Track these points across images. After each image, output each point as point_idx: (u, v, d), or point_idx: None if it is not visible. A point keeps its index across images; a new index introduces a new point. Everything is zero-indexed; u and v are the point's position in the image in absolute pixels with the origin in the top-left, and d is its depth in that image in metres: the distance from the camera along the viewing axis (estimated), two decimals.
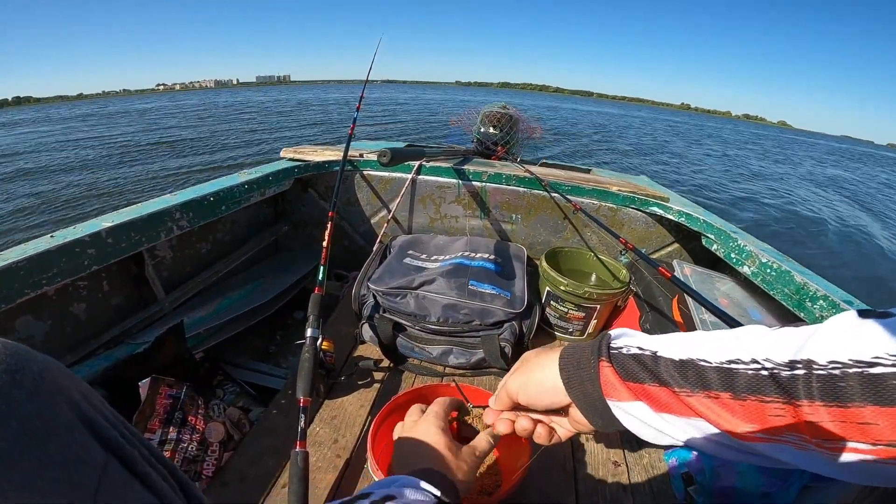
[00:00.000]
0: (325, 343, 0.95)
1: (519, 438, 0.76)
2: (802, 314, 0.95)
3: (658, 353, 0.35)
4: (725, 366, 0.31)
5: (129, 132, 11.23)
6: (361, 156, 1.60)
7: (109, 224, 0.94)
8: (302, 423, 0.73)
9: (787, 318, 1.03)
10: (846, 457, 0.25)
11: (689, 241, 1.49)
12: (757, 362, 0.29)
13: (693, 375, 0.32)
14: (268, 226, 1.66)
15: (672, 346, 0.35)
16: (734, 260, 1.20)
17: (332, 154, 1.61)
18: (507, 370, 1.07)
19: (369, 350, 1.20)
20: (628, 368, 0.36)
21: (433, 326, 1.13)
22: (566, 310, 1.30)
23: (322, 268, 1.02)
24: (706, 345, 0.33)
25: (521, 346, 1.17)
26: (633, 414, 0.36)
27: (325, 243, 1.08)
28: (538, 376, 0.44)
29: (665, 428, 0.34)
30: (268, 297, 1.34)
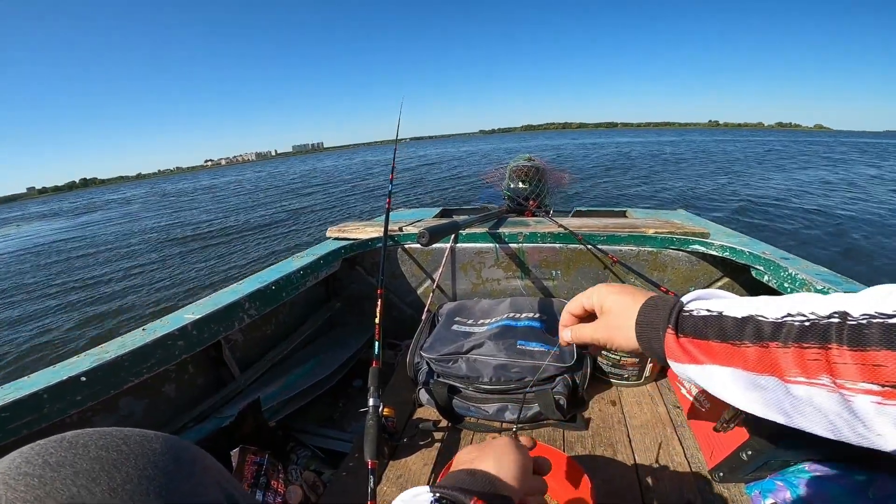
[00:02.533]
0: (386, 409, 1.08)
1: (582, 487, 0.83)
2: None
3: (723, 313, 0.42)
4: (779, 320, 0.37)
5: (186, 219, 12.42)
6: (401, 230, 1.79)
7: (193, 317, 1.14)
8: (371, 484, 0.85)
9: None
10: (860, 400, 0.31)
11: (739, 274, 1.54)
12: (803, 315, 0.36)
13: (751, 330, 0.39)
14: (322, 304, 1.85)
15: (736, 306, 0.42)
16: (788, 289, 1.24)
17: (373, 231, 1.81)
18: (564, 420, 1.16)
19: (428, 412, 1.32)
20: (696, 327, 0.43)
21: (486, 386, 1.25)
22: (618, 358, 1.38)
23: (377, 343, 1.18)
24: (766, 306, 0.40)
25: (575, 396, 1.26)
26: (689, 373, 0.45)
27: (377, 320, 1.25)
28: (617, 322, 0.52)
29: (723, 381, 0.42)
30: (328, 371, 1.50)
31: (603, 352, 1.41)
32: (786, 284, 1.26)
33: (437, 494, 0.40)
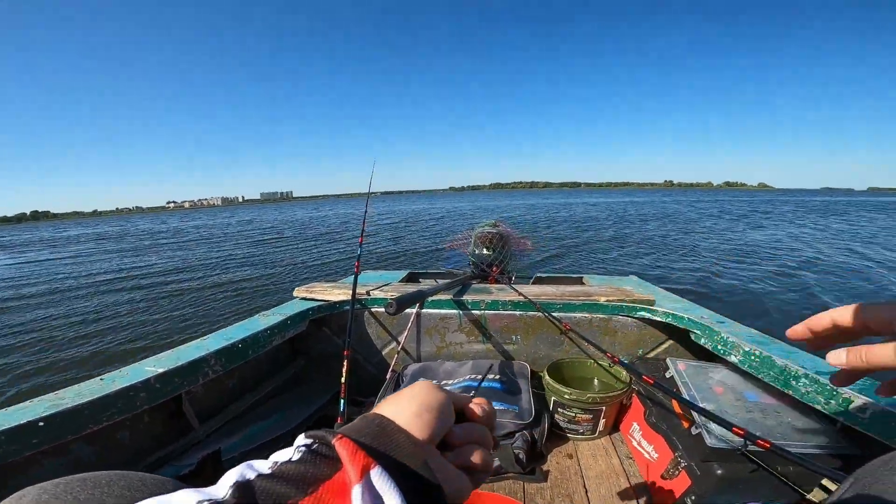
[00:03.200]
0: None
1: None
2: (790, 391, 1.13)
3: None
4: None
5: (146, 262, 11.96)
6: (369, 293, 1.87)
7: (155, 370, 1.17)
8: None
9: (779, 395, 1.20)
10: None
11: (681, 337, 1.69)
12: None
13: None
14: (287, 361, 1.87)
15: None
16: (721, 351, 1.39)
17: (341, 293, 1.88)
18: (524, 473, 1.22)
19: None
20: None
21: None
22: (573, 414, 1.47)
23: (342, 400, 1.22)
24: None
25: (534, 451, 1.32)
26: None
27: (342, 379, 1.30)
28: None
29: None
30: (291, 426, 1.50)
31: (560, 409, 1.50)
32: (719, 347, 1.40)
33: (310, 440, 0.30)
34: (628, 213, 23.36)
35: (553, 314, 1.71)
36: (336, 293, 1.88)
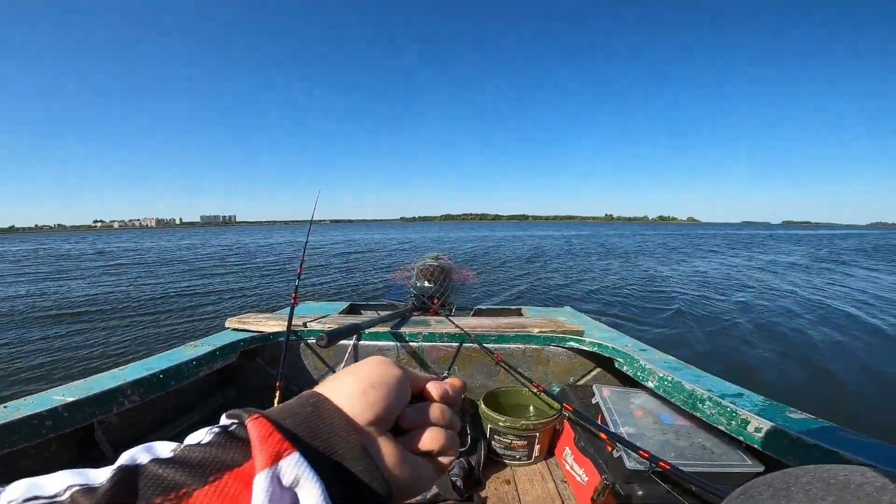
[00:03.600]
0: None
1: None
2: (698, 414, 1.25)
3: None
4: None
5: (61, 288, 10.77)
6: (305, 325, 1.85)
7: (64, 399, 1.11)
8: None
9: (690, 417, 1.32)
10: None
11: (607, 364, 1.81)
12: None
13: None
14: (215, 392, 1.80)
15: None
16: (640, 377, 1.52)
17: (276, 325, 1.85)
18: (462, 501, 1.25)
19: None
20: None
21: None
22: (509, 441, 1.52)
23: None
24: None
25: (471, 477, 1.36)
26: None
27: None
28: None
29: None
30: None
31: (496, 436, 1.55)
32: (639, 373, 1.53)
33: (229, 420, 0.27)
34: (574, 246, 24.34)
35: (488, 345, 1.79)
36: (271, 324, 1.86)
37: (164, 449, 0.23)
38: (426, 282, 2.77)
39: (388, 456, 0.28)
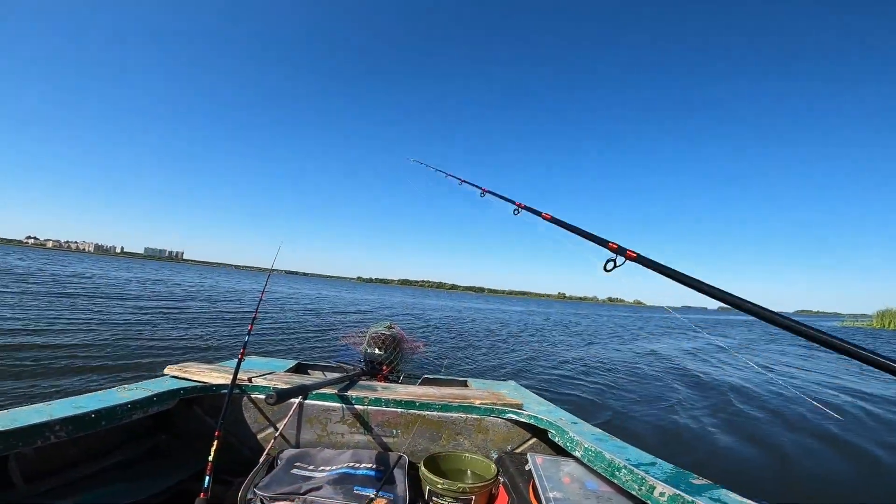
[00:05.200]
0: None
1: None
2: (616, 480, 1.39)
3: None
4: None
5: None
6: (250, 381, 1.89)
7: None
8: None
9: (610, 484, 1.45)
10: None
11: (542, 434, 1.94)
12: None
13: None
14: (144, 435, 1.77)
15: None
16: (569, 447, 1.67)
17: (219, 376, 1.89)
18: None
19: None
20: None
21: None
22: (446, 503, 1.59)
23: (208, 477, 1.25)
24: None
25: None
26: None
27: (210, 458, 1.33)
28: None
29: None
30: (140, 497, 1.41)
31: (434, 498, 1.62)
32: (567, 444, 1.68)
33: None
34: (530, 322, 24.58)
35: (431, 413, 1.91)
36: (214, 375, 1.90)
37: None
38: (377, 349, 2.86)
39: None
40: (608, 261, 1.21)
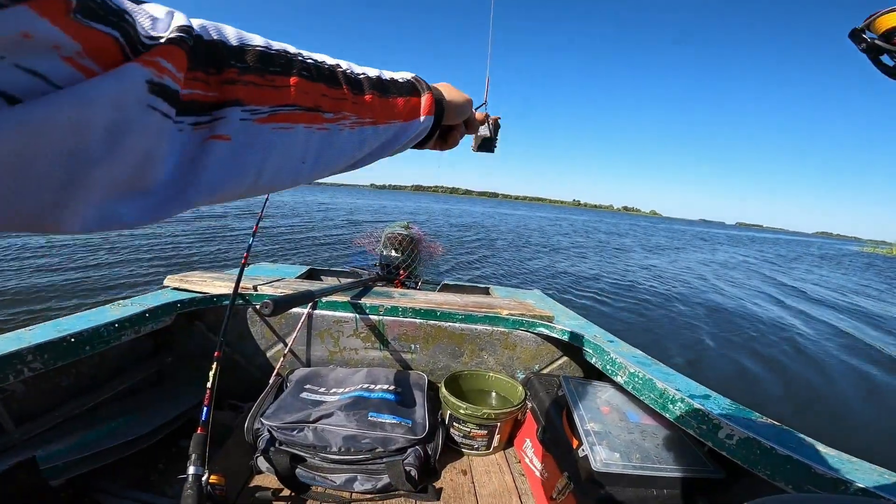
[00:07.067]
0: (214, 477, 1.04)
1: None
2: (667, 414, 1.25)
3: None
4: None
5: None
6: (255, 289, 1.74)
7: None
8: None
9: (657, 417, 1.32)
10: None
11: (575, 354, 1.81)
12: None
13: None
14: (148, 357, 1.69)
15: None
16: (609, 371, 1.52)
17: (222, 286, 1.73)
18: (416, 492, 1.22)
19: (267, 480, 1.28)
20: None
21: (334, 456, 1.26)
22: (469, 429, 1.50)
23: (206, 408, 1.14)
24: None
25: (427, 467, 1.33)
26: None
27: (209, 384, 1.21)
28: None
29: None
30: (145, 430, 1.35)
31: (455, 423, 1.53)
32: (608, 367, 1.53)
33: (411, 76, 0.49)
34: (546, 229, 24.56)
35: (454, 325, 1.76)
36: (216, 285, 1.74)
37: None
38: (393, 251, 2.72)
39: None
40: None
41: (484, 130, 0.79)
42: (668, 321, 6.24)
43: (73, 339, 1.24)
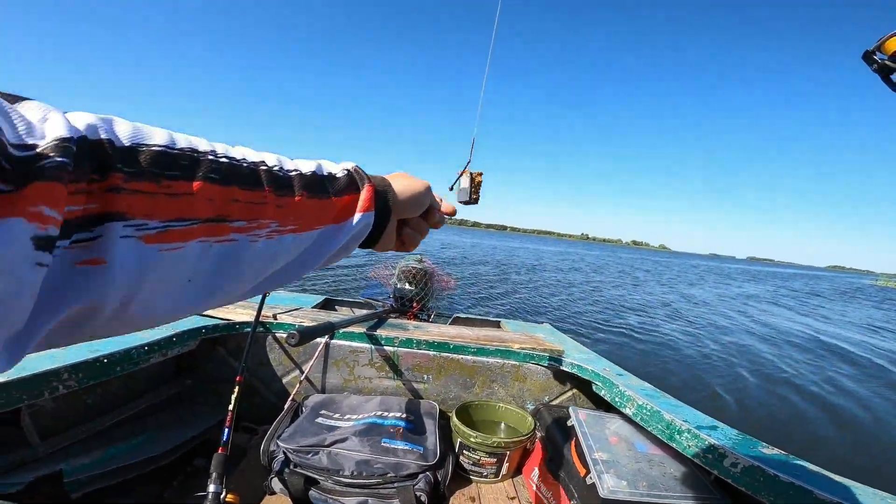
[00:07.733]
0: (230, 496, 1.10)
1: None
2: (674, 444, 1.29)
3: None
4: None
5: None
6: (275, 318, 1.83)
7: None
8: None
9: (664, 447, 1.36)
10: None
11: (585, 386, 1.85)
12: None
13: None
14: (169, 379, 1.76)
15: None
16: (618, 403, 1.56)
17: (244, 313, 1.83)
18: None
19: (281, 501, 1.32)
20: None
21: (347, 480, 1.31)
22: (478, 457, 1.54)
23: (227, 430, 1.20)
24: None
25: (437, 493, 1.37)
26: None
27: (231, 407, 1.27)
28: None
29: None
30: (164, 449, 1.41)
31: (465, 451, 1.57)
32: (616, 399, 1.57)
33: (350, 167, 0.44)
34: (554, 263, 24.58)
35: (466, 357, 1.82)
36: (238, 312, 1.84)
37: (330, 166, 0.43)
38: (407, 284, 2.79)
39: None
40: None
41: (465, 184, 0.88)
42: (677, 354, 6.21)
43: (105, 360, 1.32)
